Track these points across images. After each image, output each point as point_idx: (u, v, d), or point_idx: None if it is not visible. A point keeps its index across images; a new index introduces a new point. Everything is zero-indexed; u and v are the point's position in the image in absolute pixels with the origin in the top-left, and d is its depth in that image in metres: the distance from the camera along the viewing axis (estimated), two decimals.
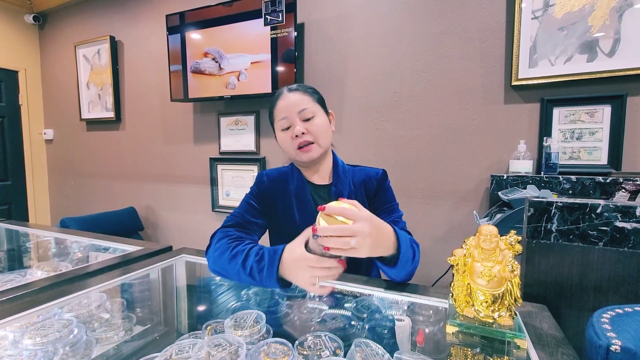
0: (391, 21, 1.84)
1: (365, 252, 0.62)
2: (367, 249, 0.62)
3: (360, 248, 0.61)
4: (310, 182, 0.99)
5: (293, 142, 0.89)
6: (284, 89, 0.94)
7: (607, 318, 0.55)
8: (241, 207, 0.99)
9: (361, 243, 0.61)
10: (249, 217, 0.97)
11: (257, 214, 0.98)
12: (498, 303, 0.61)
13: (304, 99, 0.90)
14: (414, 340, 0.70)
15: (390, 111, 1.88)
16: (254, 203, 0.99)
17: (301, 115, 0.89)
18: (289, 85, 0.95)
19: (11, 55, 3.09)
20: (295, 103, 0.89)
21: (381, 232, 0.67)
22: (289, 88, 0.93)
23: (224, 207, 2.43)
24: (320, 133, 0.90)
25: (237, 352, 0.60)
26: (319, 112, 0.92)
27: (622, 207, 0.71)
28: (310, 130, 0.89)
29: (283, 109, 0.90)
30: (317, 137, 0.90)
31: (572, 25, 1.47)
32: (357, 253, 0.62)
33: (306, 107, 0.89)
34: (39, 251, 1.37)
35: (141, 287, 0.97)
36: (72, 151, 3.21)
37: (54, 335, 0.68)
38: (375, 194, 0.96)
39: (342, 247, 0.60)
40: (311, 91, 0.94)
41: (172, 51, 2.34)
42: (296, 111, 0.89)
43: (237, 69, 2.15)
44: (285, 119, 0.90)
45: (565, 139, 1.53)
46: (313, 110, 0.90)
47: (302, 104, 0.89)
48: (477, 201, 1.71)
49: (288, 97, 0.91)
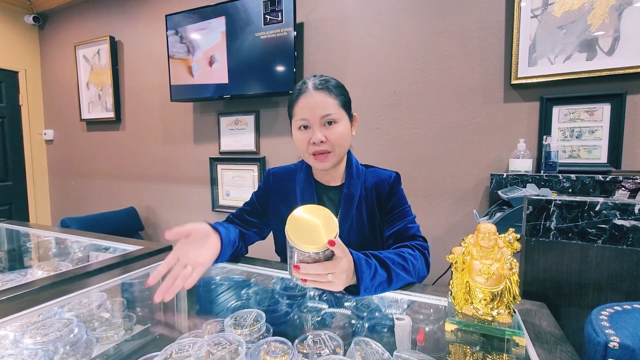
0: (390, 20, 1.84)
1: (341, 286, 0.63)
2: (342, 283, 0.63)
3: (336, 283, 0.62)
4: (320, 182, 0.96)
5: (309, 146, 0.84)
6: (309, 82, 0.85)
7: (606, 315, 0.55)
8: (245, 204, 1.02)
9: (338, 277, 0.61)
10: (247, 216, 0.99)
11: (255, 214, 0.99)
12: (497, 301, 0.61)
13: (329, 102, 0.83)
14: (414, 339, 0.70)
15: (389, 110, 1.88)
16: (256, 203, 1.00)
17: (323, 120, 0.82)
18: (315, 79, 0.86)
19: (11, 56, 3.09)
20: (319, 106, 0.82)
21: (352, 267, 0.67)
22: (314, 84, 0.84)
23: (224, 207, 2.43)
24: (339, 142, 0.84)
25: (237, 351, 0.60)
26: (342, 118, 0.85)
27: (620, 204, 0.71)
28: (329, 138, 0.83)
29: (304, 110, 0.83)
30: (335, 147, 0.84)
31: (571, 23, 1.47)
32: (332, 287, 0.63)
33: (330, 113, 0.82)
34: (39, 251, 1.37)
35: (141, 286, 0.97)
36: (73, 151, 3.21)
37: (54, 334, 0.68)
38: (386, 199, 0.92)
39: (319, 280, 0.61)
40: (337, 92, 0.85)
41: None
42: (319, 116, 0.82)
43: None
44: (305, 120, 0.83)
45: (564, 137, 1.53)
46: (336, 116, 0.83)
47: (326, 109, 0.82)
48: (477, 200, 1.71)
49: (312, 96, 0.83)
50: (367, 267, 0.69)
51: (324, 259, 0.61)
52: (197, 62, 2.29)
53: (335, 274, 0.61)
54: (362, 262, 0.69)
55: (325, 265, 0.60)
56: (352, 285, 0.69)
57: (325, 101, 0.83)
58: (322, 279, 0.61)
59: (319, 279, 0.61)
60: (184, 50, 2.33)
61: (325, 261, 0.60)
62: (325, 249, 0.59)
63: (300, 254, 0.60)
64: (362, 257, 0.70)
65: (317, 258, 0.60)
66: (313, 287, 0.64)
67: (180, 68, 2.35)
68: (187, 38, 2.30)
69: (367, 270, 0.69)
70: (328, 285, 0.62)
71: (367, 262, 0.70)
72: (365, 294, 0.70)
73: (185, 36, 2.30)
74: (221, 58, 2.19)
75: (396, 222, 0.90)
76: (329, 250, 0.59)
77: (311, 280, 0.61)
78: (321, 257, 0.60)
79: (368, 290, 0.69)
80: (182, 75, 2.35)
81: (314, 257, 0.60)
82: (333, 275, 0.61)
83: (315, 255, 0.59)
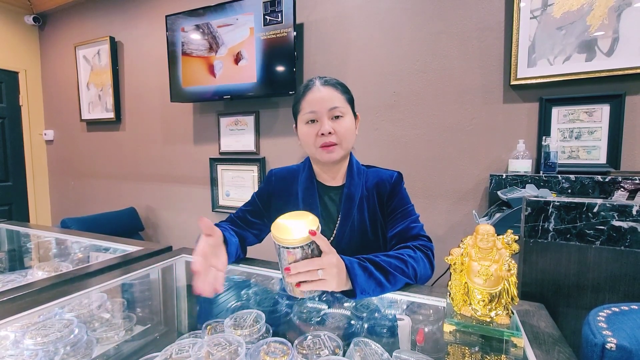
0: (390, 21, 1.84)
1: (334, 282, 0.64)
2: (335, 279, 0.63)
3: (328, 279, 0.62)
4: (321, 182, 0.96)
5: (317, 139, 0.86)
6: (315, 79, 0.89)
7: (603, 316, 0.55)
8: (246, 204, 1.02)
9: (328, 272, 0.62)
10: (249, 216, 0.99)
11: (256, 215, 0.99)
12: (495, 302, 0.61)
13: (336, 96, 0.86)
14: (414, 339, 0.70)
15: (389, 111, 1.89)
16: (257, 202, 1.00)
17: (330, 113, 0.85)
18: (322, 76, 0.90)
19: (11, 56, 3.10)
20: (327, 99, 0.85)
21: (342, 265, 0.67)
22: (321, 80, 0.88)
23: (224, 207, 2.44)
24: (346, 135, 0.86)
25: (237, 352, 0.60)
26: (348, 112, 0.88)
27: (618, 206, 0.72)
28: (337, 130, 0.85)
29: (313, 103, 0.86)
30: (342, 140, 0.86)
31: (570, 24, 1.47)
32: (325, 285, 0.63)
33: (337, 106, 0.85)
34: (39, 252, 1.38)
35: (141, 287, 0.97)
36: (73, 152, 3.21)
37: (54, 335, 0.68)
38: (388, 199, 0.92)
39: (311, 279, 0.62)
40: (343, 89, 0.89)
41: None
42: (327, 108, 0.84)
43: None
44: (314, 112, 0.85)
45: (564, 138, 1.54)
46: (343, 110, 0.86)
47: (333, 101, 0.85)
48: (476, 200, 1.71)
49: (320, 90, 0.86)
50: (360, 269, 0.70)
51: (312, 255, 0.63)
52: (221, 60, 2.19)
53: (326, 270, 0.62)
54: (355, 264, 0.70)
55: (314, 260, 0.62)
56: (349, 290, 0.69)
57: (333, 95, 0.86)
58: (314, 276, 0.61)
59: (311, 277, 0.62)
60: (205, 47, 2.23)
61: (313, 257, 0.62)
62: (310, 242, 0.62)
63: (288, 253, 0.62)
64: (354, 260, 0.71)
65: (304, 254, 0.62)
66: (308, 290, 0.63)
67: (197, 67, 2.26)
68: (210, 33, 2.18)
69: (361, 272, 0.69)
70: (322, 283, 0.63)
71: (360, 264, 0.71)
72: (363, 296, 0.70)
73: (209, 31, 2.18)
74: (249, 55, 2.10)
75: (399, 222, 0.89)
76: (314, 244, 0.62)
77: (304, 280, 0.62)
78: (308, 252, 0.62)
79: (365, 292, 0.69)
80: (201, 75, 2.26)
81: (301, 253, 0.62)
82: (323, 271, 0.62)
83: (301, 251, 0.61)
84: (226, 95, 2.19)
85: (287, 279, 0.63)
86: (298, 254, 0.62)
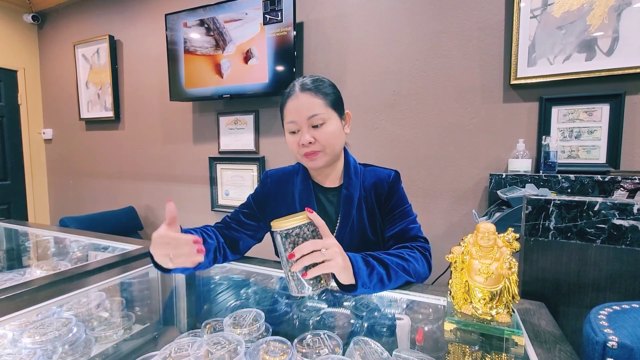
0: (390, 20, 1.84)
1: (340, 261, 0.64)
2: (340, 258, 0.64)
3: (334, 258, 0.63)
4: (318, 184, 0.95)
5: (300, 149, 0.85)
6: (296, 85, 0.86)
7: (604, 315, 0.55)
8: (242, 205, 1.00)
9: (332, 252, 0.63)
10: (243, 218, 0.97)
11: (250, 217, 0.97)
12: (496, 300, 0.61)
13: (316, 102, 0.82)
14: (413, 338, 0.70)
15: (389, 110, 1.88)
16: (252, 204, 0.98)
17: (310, 122, 0.82)
18: (303, 80, 0.86)
19: (10, 55, 3.09)
20: (305, 107, 0.82)
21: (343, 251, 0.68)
22: (301, 85, 0.85)
23: (223, 206, 2.43)
24: (329, 142, 0.84)
25: (236, 351, 0.60)
26: (330, 117, 0.84)
27: (619, 204, 0.72)
28: (318, 138, 0.83)
29: (292, 112, 0.84)
30: (325, 146, 0.84)
31: (570, 24, 1.47)
32: (331, 266, 0.63)
33: (316, 113, 0.82)
34: (38, 250, 1.37)
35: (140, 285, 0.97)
36: (72, 151, 3.20)
37: (53, 333, 0.68)
38: (386, 198, 0.90)
39: (316, 260, 0.61)
40: (325, 93, 0.85)
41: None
42: (305, 117, 0.82)
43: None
44: (294, 123, 0.84)
45: (564, 137, 1.54)
46: (324, 116, 0.83)
47: (312, 109, 0.82)
48: (476, 200, 1.71)
49: (299, 98, 0.83)
50: (363, 264, 0.70)
51: (311, 236, 0.64)
52: (229, 58, 2.08)
53: (330, 249, 0.62)
54: (359, 259, 0.70)
55: (315, 241, 0.62)
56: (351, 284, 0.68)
57: (311, 102, 0.83)
58: (319, 257, 0.61)
59: (315, 258, 0.61)
60: (210, 44, 2.09)
61: (314, 239, 0.63)
62: (309, 222, 0.64)
63: (289, 238, 0.63)
64: (358, 255, 0.71)
65: (304, 235, 0.63)
66: (315, 275, 0.62)
67: (202, 66, 2.18)
68: (217, 29, 2.05)
69: (364, 266, 0.70)
70: (328, 265, 0.62)
71: (364, 259, 0.71)
72: (363, 291, 0.69)
73: (215, 27, 2.05)
74: (260, 53, 1.97)
75: (397, 223, 0.89)
76: (313, 226, 0.64)
77: (310, 266, 0.61)
78: (308, 234, 0.64)
79: (366, 285, 0.69)
80: (206, 75, 2.17)
81: (301, 234, 0.63)
82: (328, 250, 0.62)
83: (300, 231, 0.63)
84: (235, 95, 2.15)
85: (292, 268, 0.62)
86: (298, 235, 0.63)
